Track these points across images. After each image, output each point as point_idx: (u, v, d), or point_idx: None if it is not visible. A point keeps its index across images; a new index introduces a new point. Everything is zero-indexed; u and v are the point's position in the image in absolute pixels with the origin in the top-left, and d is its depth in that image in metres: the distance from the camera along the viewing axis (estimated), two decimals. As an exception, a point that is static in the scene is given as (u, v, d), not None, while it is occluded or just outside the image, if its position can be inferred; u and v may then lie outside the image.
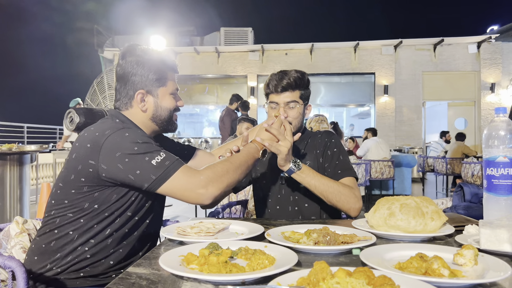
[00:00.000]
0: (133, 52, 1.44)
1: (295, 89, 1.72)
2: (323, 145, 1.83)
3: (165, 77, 1.47)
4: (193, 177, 1.25)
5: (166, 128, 1.53)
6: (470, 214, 2.02)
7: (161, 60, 1.47)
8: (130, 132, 1.30)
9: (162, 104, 1.47)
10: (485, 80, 11.88)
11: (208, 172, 1.28)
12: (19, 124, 10.90)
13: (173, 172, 1.24)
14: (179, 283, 0.84)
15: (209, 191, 1.26)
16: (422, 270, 0.85)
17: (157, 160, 1.25)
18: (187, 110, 14.13)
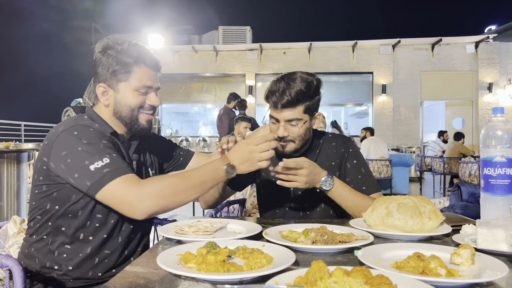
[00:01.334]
0: (104, 44, 1.36)
1: (297, 104, 1.52)
2: (339, 156, 1.68)
3: (129, 70, 1.34)
4: (131, 189, 1.14)
5: (130, 128, 1.40)
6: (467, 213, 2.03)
7: (129, 52, 1.34)
8: (79, 131, 1.24)
9: (122, 100, 1.36)
10: (483, 80, 11.91)
11: (152, 186, 1.16)
12: (17, 122, 10.87)
13: (108, 181, 1.14)
14: (177, 282, 0.84)
15: (145, 206, 1.14)
16: (420, 269, 0.85)
17: (96, 166, 1.16)
18: (185, 108, 14.12)
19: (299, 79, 1.52)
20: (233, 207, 2.69)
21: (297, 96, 1.50)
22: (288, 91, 1.50)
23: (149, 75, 1.38)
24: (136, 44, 1.37)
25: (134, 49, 1.35)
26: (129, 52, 1.34)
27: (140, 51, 1.36)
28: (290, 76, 1.54)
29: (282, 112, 1.53)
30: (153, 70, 1.39)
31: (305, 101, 1.53)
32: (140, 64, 1.35)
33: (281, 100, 1.51)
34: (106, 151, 1.21)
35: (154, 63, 1.39)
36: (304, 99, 1.53)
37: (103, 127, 1.35)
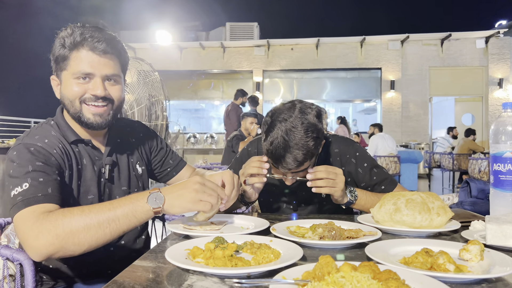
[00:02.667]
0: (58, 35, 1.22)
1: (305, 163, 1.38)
2: (346, 163, 1.63)
3: (65, 57, 1.19)
4: (31, 223, 0.99)
5: (78, 122, 1.25)
6: (477, 209, 2.02)
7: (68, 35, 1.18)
8: (18, 151, 1.15)
9: (64, 92, 1.22)
10: (493, 75, 11.78)
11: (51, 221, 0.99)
12: (26, 119, 10.97)
13: (17, 211, 1.03)
14: (185, 276, 0.85)
15: (39, 246, 0.97)
16: (428, 265, 0.85)
17: (15, 192, 1.06)
18: (193, 105, 14.15)
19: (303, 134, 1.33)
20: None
21: (300, 162, 1.36)
22: (294, 157, 1.34)
23: (91, 59, 1.19)
24: (83, 27, 1.20)
25: (75, 31, 1.18)
26: (67, 36, 1.18)
27: (81, 33, 1.18)
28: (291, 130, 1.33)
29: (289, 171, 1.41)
30: (98, 54, 1.19)
31: (313, 155, 1.39)
32: (79, 48, 1.18)
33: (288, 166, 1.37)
34: (31, 175, 1.09)
35: (99, 45, 1.18)
36: (312, 155, 1.39)
37: (65, 134, 1.26)
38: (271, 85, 12.55)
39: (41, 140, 1.20)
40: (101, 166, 1.32)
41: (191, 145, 12.10)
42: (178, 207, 1.06)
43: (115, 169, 1.37)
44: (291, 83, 12.63)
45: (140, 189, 1.44)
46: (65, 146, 1.24)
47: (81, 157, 1.28)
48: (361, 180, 1.63)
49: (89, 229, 0.99)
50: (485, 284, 0.80)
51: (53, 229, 0.98)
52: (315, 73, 12.47)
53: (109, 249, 1.34)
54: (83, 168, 1.28)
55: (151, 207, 1.04)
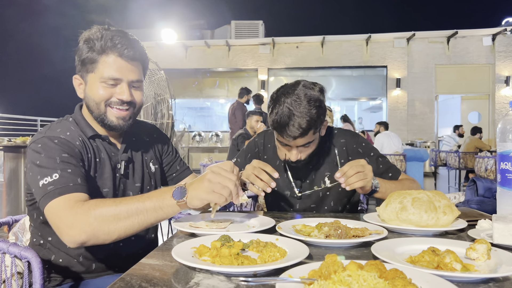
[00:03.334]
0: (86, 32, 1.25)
1: (309, 131, 1.44)
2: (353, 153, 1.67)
3: (94, 61, 1.22)
4: (65, 212, 1.05)
5: (101, 123, 1.30)
6: (483, 208, 2.01)
7: (97, 38, 1.21)
8: (42, 143, 1.18)
9: (89, 94, 1.26)
10: (500, 73, 11.68)
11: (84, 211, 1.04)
12: (33, 118, 11.05)
13: (50, 199, 1.07)
14: (192, 274, 0.85)
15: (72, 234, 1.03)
16: (434, 264, 0.85)
17: (44, 182, 1.10)
18: (198, 104, 14.16)
19: (306, 104, 1.41)
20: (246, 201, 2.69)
21: (305, 129, 1.42)
22: (298, 124, 1.41)
23: (119, 65, 1.23)
24: (110, 30, 1.24)
25: (105, 36, 1.21)
26: (97, 39, 1.21)
27: (110, 38, 1.21)
28: (295, 103, 1.42)
29: (294, 141, 1.46)
30: (126, 60, 1.24)
31: (316, 125, 1.46)
32: (108, 53, 1.22)
33: (290, 134, 1.43)
34: (60, 166, 1.13)
35: (127, 52, 1.23)
36: (316, 124, 1.45)
37: (84, 130, 1.30)
38: (276, 83, 12.54)
39: (63, 133, 1.25)
40: (117, 162, 1.36)
41: (196, 143, 12.12)
42: (197, 199, 1.07)
43: (130, 165, 1.40)
44: (296, 81, 12.57)
45: (152, 187, 1.47)
46: (84, 140, 1.29)
47: (99, 151, 1.32)
48: None
49: (120, 219, 1.05)
50: (492, 283, 0.79)
51: (86, 218, 1.03)
52: (321, 71, 12.43)
53: (119, 244, 1.35)
54: (100, 162, 1.31)
55: (176, 200, 1.07)
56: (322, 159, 1.68)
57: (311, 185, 1.68)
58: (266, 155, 1.78)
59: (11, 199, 4.33)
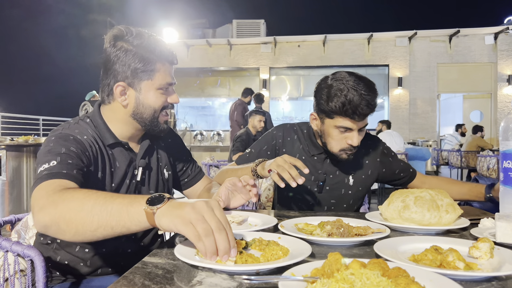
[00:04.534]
0: (121, 36, 1.24)
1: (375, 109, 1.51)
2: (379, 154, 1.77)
3: (152, 68, 1.24)
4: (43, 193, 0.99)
5: (150, 129, 1.32)
6: (486, 207, 2.00)
7: (150, 47, 1.24)
8: (56, 137, 1.18)
9: (145, 101, 1.26)
10: (502, 71, 11.65)
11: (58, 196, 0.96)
12: (35, 117, 11.08)
13: (39, 183, 1.03)
14: (194, 273, 0.85)
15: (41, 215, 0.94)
16: (437, 262, 0.85)
17: (41, 168, 1.07)
18: (199, 103, 14.17)
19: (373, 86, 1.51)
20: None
21: (376, 101, 1.51)
22: (373, 102, 1.48)
23: (170, 71, 1.29)
24: (155, 37, 1.28)
25: (156, 44, 1.26)
26: (151, 47, 1.24)
27: (161, 46, 1.27)
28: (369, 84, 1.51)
29: (361, 121, 1.51)
30: (172, 65, 1.31)
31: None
32: (163, 61, 1.27)
33: (368, 111, 1.48)
34: (62, 156, 1.10)
35: (173, 58, 1.30)
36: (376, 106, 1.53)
37: (103, 136, 1.28)
38: (278, 82, 12.53)
39: (81, 134, 1.23)
40: (135, 168, 1.34)
41: (198, 142, 12.13)
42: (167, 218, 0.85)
43: (146, 171, 1.38)
44: (298, 80, 12.60)
45: None
46: (100, 147, 1.26)
47: (114, 159, 1.30)
48: (395, 168, 1.80)
49: (81, 210, 0.90)
50: (495, 282, 0.79)
51: (57, 201, 0.94)
52: (322, 70, 12.42)
53: (122, 242, 1.35)
54: (115, 171, 1.29)
55: (145, 206, 0.86)
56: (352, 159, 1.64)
57: (334, 181, 1.70)
58: (285, 148, 1.76)
59: (13, 197, 4.35)
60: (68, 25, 5.33)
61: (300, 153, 1.72)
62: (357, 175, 1.70)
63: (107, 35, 1.26)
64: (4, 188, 4.32)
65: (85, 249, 1.31)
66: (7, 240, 1.18)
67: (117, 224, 0.89)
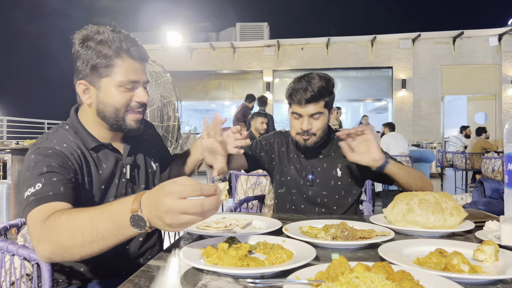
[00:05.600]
0: (81, 36, 1.19)
1: (319, 99, 1.64)
2: None
3: (111, 64, 1.18)
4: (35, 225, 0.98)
5: (117, 129, 1.27)
6: (491, 209, 2.00)
7: (109, 42, 1.18)
8: (35, 154, 1.14)
9: (105, 99, 1.21)
10: (507, 73, 11.61)
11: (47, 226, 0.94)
12: (40, 120, 11.14)
13: (29, 210, 1.01)
14: (199, 276, 0.86)
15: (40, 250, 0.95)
16: (442, 265, 0.85)
17: (28, 193, 1.05)
18: (203, 106, 14.20)
19: (317, 77, 1.66)
20: (252, 203, 2.70)
21: (319, 91, 1.63)
22: (311, 87, 1.63)
23: (135, 67, 1.22)
24: (119, 32, 1.21)
25: (116, 38, 1.19)
26: (110, 42, 1.18)
27: (122, 40, 1.19)
28: (309, 75, 1.68)
29: (306, 107, 1.65)
30: (139, 62, 1.24)
31: (325, 96, 1.66)
32: (123, 56, 1.20)
33: (305, 96, 1.62)
34: (45, 175, 1.08)
35: (139, 53, 1.22)
36: (325, 95, 1.65)
37: (84, 140, 1.25)
38: (281, 85, 12.54)
39: (60, 144, 1.20)
40: (122, 167, 1.33)
41: (202, 145, 12.14)
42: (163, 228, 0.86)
43: (135, 169, 1.38)
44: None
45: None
46: (84, 152, 1.24)
47: (100, 162, 1.28)
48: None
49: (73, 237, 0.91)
50: (500, 285, 0.79)
51: (46, 235, 0.94)
52: (326, 73, 12.42)
53: (126, 247, 1.36)
54: (103, 172, 1.28)
55: (137, 230, 0.87)
56: (333, 151, 1.79)
57: (323, 174, 1.78)
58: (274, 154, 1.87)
59: (19, 201, 4.36)
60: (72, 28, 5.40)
61: (292, 153, 1.84)
62: (344, 167, 1.77)
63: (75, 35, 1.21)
64: (10, 192, 4.34)
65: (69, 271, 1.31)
66: (13, 243, 1.19)
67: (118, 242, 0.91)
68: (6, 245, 1.19)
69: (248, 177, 3.47)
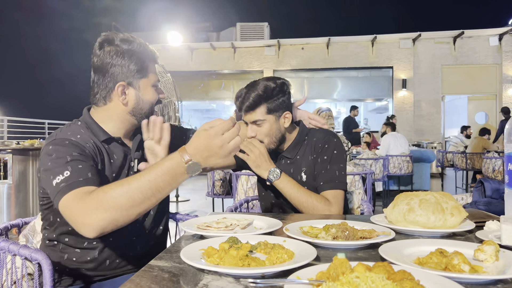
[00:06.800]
0: (111, 41, 1.33)
1: (256, 107, 1.65)
2: (317, 150, 1.73)
3: (146, 67, 1.36)
4: (77, 203, 1.06)
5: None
6: (491, 209, 2.00)
7: (141, 49, 1.36)
8: (54, 145, 1.22)
9: (144, 97, 1.37)
10: (507, 73, 11.61)
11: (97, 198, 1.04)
12: (40, 121, 11.15)
13: (62, 196, 1.09)
14: (200, 276, 0.86)
15: (92, 221, 1.02)
16: (442, 265, 0.85)
17: (56, 181, 1.11)
18: (204, 106, 14.21)
19: (260, 85, 1.66)
20: (252, 203, 2.70)
21: (254, 100, 1.64)
22: (247, 96, 1.65)
23: (156, 70, 1.44)
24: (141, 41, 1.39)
25: (144, 46, 1.38)
26: (141, 49, 1.36)
27: (149, 48, 1.40)
28: (253, 83, 1.69)
29: (246, 115, 1.68)
30: (156, 65, 1.45)
31: (263, 103, 1.65)
32: (153, 61, 1.40)
33: (242, 105, 1.66)
34: (70, 163, 1.15)
35: (156, 58, 1.44)
36: (262, 102, 1.65)
37: (96, 134, 1.34)
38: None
39: (74, 135, 1.28)
40: (130, 160, 1.41)
41: (202, 145, 12.14)
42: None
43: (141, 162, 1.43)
44: (301, 83, 12.61)
45: None
46: (96, 143, 1.31)
47: (111, 152, 1.36)
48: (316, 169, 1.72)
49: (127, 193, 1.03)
50: (500, 285, 0.79)
51: (99, 204, 1.02)
52: (326, 73, 12.44)
53: (131, 246, 1.38)
54: (115, 163, 1.35)
55: (190, 174, 1.08)
56: (300, 154, 1.76)
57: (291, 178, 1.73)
58: None
59: (19, 201, 4.37)
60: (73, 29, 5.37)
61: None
62: (308, 171, 1.74)
63: (97, 41, 1.34)
64: (10, 192, 4.35)
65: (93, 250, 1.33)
66: (15, 244, 1.19)
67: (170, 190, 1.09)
68: (7, 245, 1.20)
69: (249, 177, 3.46)
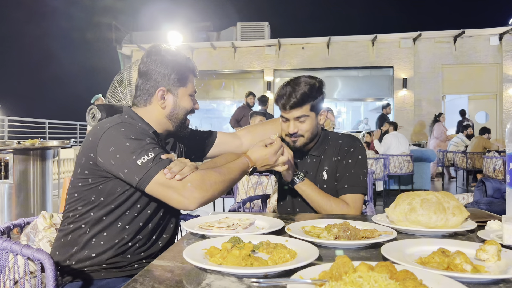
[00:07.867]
0: (158, 51, 1.48)
1: (303, 104, 1.70)
2: (343, 153, 1.80)
3: (186, 78, 1.51)
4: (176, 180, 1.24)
5: (179, 129, 1.55)
6: (492, 209, 2.00)
7: (183, 62, 1.51)
8: (126, 127, 1.33)
9: (181, 104, 1.51)
10: (507, 72, 11.60)
11: (201, 179, 1.27)
12: (41, 120, 11.14)
13: (154, 173, 1.24)
14: (203, 276, 0.86)
15: (197, 195, 1.24)
16: (445, 265, 0.85)
17: (142, 160, 1.25)
18: (204, 105, 14.19)
19: (303, 83, 1.71)
20: (254, 203, 2.70)
21: (302, 97, 1.68)
22: (294, 94, 1.69)
23: (194, 82, 1.57)
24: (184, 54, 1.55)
25: (187, 59, 1.54)
26: (184, 61, 1.51)
27: (191, 61, 1.55)
28: (295, 80, 1.74)
29: (291, 112, 1.71)
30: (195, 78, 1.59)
31: (309, 101, 1.70)
32: (192, 74, 1.55)
33: (289, 102, 1.69)
34: (151, 146, 1.30)
35: (196, 72, 1.58)
36: (310, 98, 1.70)
37: (144, 126, 1.45)
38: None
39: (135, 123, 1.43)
40: None
41: (203, 145, 12.15)
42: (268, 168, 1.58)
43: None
44: (302, 82, 12.57)
45: None
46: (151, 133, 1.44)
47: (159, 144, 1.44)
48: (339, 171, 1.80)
49: (223, 182, 1.33)
50: (502, 284, 0.80)
51: (203, 185, 1.25)
52: (327, 72, 12.42)
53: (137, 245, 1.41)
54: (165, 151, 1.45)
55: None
56: (324, 154, 1.83)
57: (312, 177, 1.81)
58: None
59: (20, 201, 4.37)
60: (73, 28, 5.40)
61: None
62: (330, 170, 1.81)
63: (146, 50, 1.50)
64: (11, 192, 4.34)
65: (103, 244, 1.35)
66: (17, 243, 1.19)
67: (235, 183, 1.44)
68: (10, 245, 1.20)
69: (250, 176, 3.47)
